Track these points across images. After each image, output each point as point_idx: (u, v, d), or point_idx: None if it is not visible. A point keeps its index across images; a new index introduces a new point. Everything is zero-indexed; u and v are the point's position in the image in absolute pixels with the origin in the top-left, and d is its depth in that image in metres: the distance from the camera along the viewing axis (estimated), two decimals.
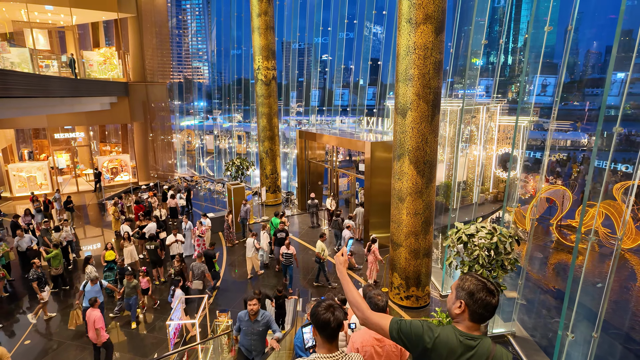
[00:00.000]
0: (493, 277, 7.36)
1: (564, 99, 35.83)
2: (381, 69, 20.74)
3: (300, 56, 28.11)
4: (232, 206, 14.51)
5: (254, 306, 5.58)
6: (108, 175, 22.46)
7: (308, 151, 17.14)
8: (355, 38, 21.63)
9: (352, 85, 24.89)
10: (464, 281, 2.03)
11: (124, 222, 12.72)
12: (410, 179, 8.80)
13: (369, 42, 22.37)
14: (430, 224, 9.22)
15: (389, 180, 12.49)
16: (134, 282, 8.99)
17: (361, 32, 21.22)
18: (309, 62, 25.86)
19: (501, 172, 20.28)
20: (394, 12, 19.23)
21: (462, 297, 1.99)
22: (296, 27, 24.28)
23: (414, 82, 8.32)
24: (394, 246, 9.53)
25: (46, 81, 14.52)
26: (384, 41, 20.58)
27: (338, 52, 23.38)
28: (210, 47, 30.97)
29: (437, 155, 8.94)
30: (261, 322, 5.66)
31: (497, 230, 7.48)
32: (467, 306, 1.97)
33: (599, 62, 73.68)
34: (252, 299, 5.61)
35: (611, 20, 72.31)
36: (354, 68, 24.73)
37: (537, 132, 24.86)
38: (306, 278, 11.51)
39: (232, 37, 25.76)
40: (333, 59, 23.89)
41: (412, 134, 8.56)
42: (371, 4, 20.09)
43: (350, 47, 22.49)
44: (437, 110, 8.60)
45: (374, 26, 21.54)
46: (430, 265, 9.65)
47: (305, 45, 26.53)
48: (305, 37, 24.58)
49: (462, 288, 2.00)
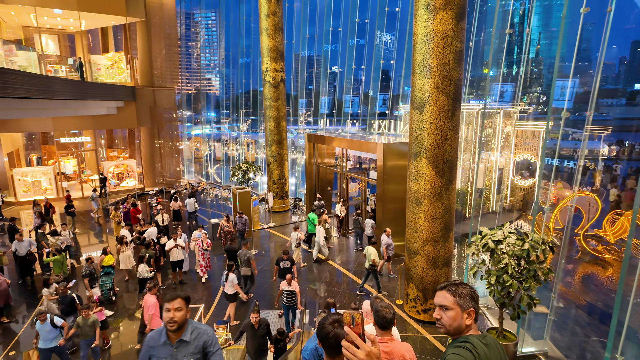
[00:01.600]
0: (524, 288, 6.50)
1: (577, 110, 35.54)
2: (392, 80, 20.06)
3: (309, 67, 27.70)
4: (237, 212, 13.84)
5: None
6: (114, 180, 22.08)
7: (317, 157, 16.48)
8: (365, 45, 20.99)
9: (363, 95, 24.24)
10: (458, 292, 1.98)
11: (124, 227, 12.14)
12: (428, 179, 8.03)
13: (380, 51, 21.72)
14: (450, 230, 8.41)
15: (402, 185, 11.73)
16: (93, 318, 7.05)
17: (372, 41, 20.56)
18: (318, 73, 25.37)
19: (519, 180, 19.34)
20: (406, 18, 18.74)
21: (470, 306, 1.95)
22: (305, 35, 23.89)
23: (433, 73, 7.62)
24: (409, 254, 8.72)
25: (49, 82, 14.17)
26: (395, 49, 19.82)
27: (348, 62, 22.71)
28: (220, 53, 30.83)
29: (457, 154, 8.18)
30: None
31: (529, 236, 6.65)
32: (475, 311, 1.96)
33: (613, 73, 72.63)
34: None
35: (625, 32, 71.13)
36: (364, 79, 24.16)
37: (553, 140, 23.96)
38: (314, 288, 10.72)
39: (240, 46, 25.63)
40: (343, 70, 23.29)
41: (431, 130, 7.83)
42: (383, 11, 19.49)
43: (361, 55, 21.87)
44: (458, 104, 7.87)
45: (385, 34, 20.92)
46: (450, 276, 8.81)
47: (315, 55, 26.09)
48: (315, 48, 24.13)
49: (465, 297, 1.96)
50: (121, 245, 10.81)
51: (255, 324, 6.57)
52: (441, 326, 1.99)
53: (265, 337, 6.67)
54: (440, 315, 1.99)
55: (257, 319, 6.57)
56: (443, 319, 1.97)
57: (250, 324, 6.60)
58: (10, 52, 17.24)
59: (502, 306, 7.05)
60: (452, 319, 1.94)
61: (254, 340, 6.59)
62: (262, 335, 6.65)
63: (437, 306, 2.01)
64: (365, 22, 20.29)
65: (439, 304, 2.00)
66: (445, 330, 1.98)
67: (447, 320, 1.96)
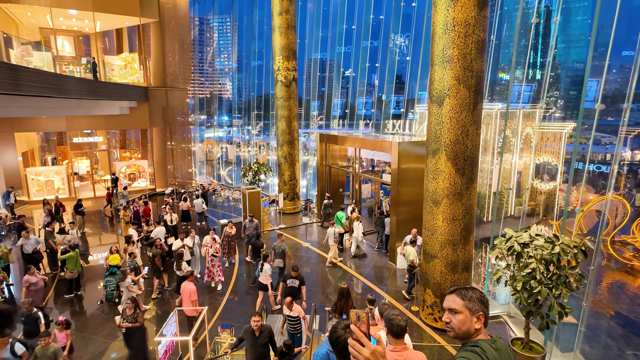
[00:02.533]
0: (555, 295, 5.95)
1: (604, 113, 34.72)
2: (407, 84, 19.52)
3: (322, 71, 27.42)
4: (246, 212, 13.52)
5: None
6: (125, 181, 22.05)
7: (329, 158, 16.08)
8: (380, 46, 20.48)
9: (376, 100, 23.78)
10: (467, 296, 1.97)
11: (132, 227, 11.91)
12: (447, 178, 7.54)
13: (394, 54, 21.19)
14: (470, 232, 7.88)
15: (418, 187, 11.24)
16: (54, 347, 5.82)
17: (386, 42, 20.04)
18: (331, 77, 25.02)
19: (539, 183, 18.57)
20: (422, 18, 18.20)
21: (480, 310, 1.95)
22: (318, 37, 23.61)
23: (453, 64, 7.16)
24: (426, 258, 8.22)
25: (61, 80, 14.15)
26: (411, 50, 19.21)
27: (362, 64, 22.22)
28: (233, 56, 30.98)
29: (479, 150, 7.67)
30: None
31: (559, 239, 6.10)
32: (485, 315, 1.96)
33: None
34: None
35: None
36: (377, 83, 23.66)
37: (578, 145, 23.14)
38: (325, 292, 10.27)
39: (253, 48, 25.55)
40: (356, 74, 22.83)
41: (450, 125, 7.35)
42: (398, 12, 19.00)
43: (375, 58, 21.35)
44: (480, 97, 7.38)
45: (399, 36, 20.37)
46: (470, 282, 8.26)
47: (327, 59, 25.77)
48: (328, 50, 23.81)
49: (474, 301, 1.96)
50: (128, 245, 10.56)
51: (256, 330, 5.85)
52: (450, 330, 1.99)
53: (267, 347, 5.93)
54: (449, 318, 1.99)
55: (259, 324, 5.85)
56: (452, 322, 1.97)
57: (250, 329, 5.88)
58: (27, 52, 17.44)
59: (528, 315, 6.50)
60: (462, 322, 1.95)
61: (253, 349, 5.87)
62: (263, 344, 5.89)
63: (446, 310, 2.02)
64: (380, 19, 19.81)
65: (448, 307, 2.00)
66: (455, 334, 1.98)
67: (456, 324, 1.96)
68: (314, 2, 23.01)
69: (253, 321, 5.85)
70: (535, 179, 18.80)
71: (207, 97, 32.98)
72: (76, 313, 9.41)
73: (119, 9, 19.94)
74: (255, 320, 5.84)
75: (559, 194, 17.47)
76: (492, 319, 8.66)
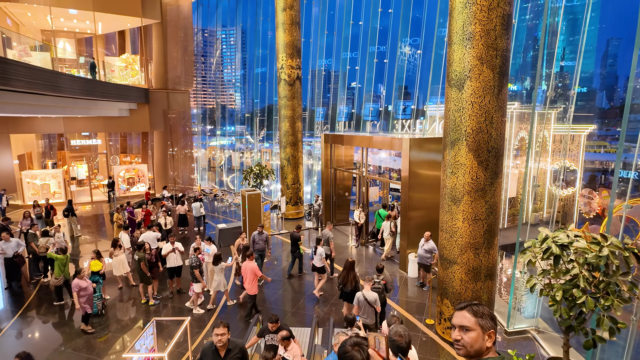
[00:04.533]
0: (604, 307, 4.97)
1: (605, 125, 33.94)
2: (416, 88, 18.73)
3: (327, 82, 26.94)
4: (246, 215, 12.65)
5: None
6: (124, 185, 21.36)
7: (334, 162, 15.22)
8: (387, 52, 19.64)
9: (384, 110, 22.99)
10: (479, 313, 1.88)
11: (124, 231, 11.05)
12: (468, 171, 6.63)
13: (403, 62, 20.38)
14: (494, 235, 6.93)
15: (432, 190, 10.35)
16: None
17: (394, 50, 19.17)
18: (336, 89, 24.41)
19: (557, 189, 17.52)
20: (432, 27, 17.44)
21: (491, 327, 1.87)
22: (323, 45, 23.00)
23: (475, 41, 6.32)
24: (444, 264, 7.26)
25: (55, 77, 13.52)
26: (421, 57, 18.32)
27: (368, 74, 21.38)
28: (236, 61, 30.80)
29: (504, 141, 6.77)
30: None
31: (607, 239, 5.15)
32: (495, 332, 1.89)
33: None
34: None
35: None
36: (384, 93, 22.86)
37: None
38: (327, 303, 9.32)
39: (257, 55, 25.11)
40: (362, 86, 22.04)
41: (472, 111, 6.47)
42: (406, 25, 18.28)
43: (382, 68, 20.50)
44: (506, 80, 6.51)
45: (407, 43, 19.60)
46: (495, 291, 7.27)
47: (332, 70, 25.24)
48: (333, 56, 23.15)
49: (486, 317, 1.87)
50: (115, 248, 9.72)
51: (220, 349, 4.17)
52: (461, 347, 1.88)
53: None
54: (460, 336, 1.89)
55: (224, 339, 4.14)
56: (463, 339, 1.88)
57: (212, 347, 4.21)
58: (25, 52, 16.97)
59: (568, 330, 5.51)
60: (474, 340, 1.86)
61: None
62: None
63: (456, 327, 1.91)
64: (388, 26, 19.04)
65: (459, 324, 1.90)
66: (466, 352, 1.87)
67: (468, 342, 1.86)
68: (319, 6, 22.47)
69: (216, 335, 4.15)
70: (553, 184, 17.76)
71: (212, 108, 32.94)
72: (58, 326, 8.46)
73: (120, 9, 19.50)
74: (219, 334, 4.13)
75: (578, 199, 16.43)
76: (518, 335, 7.64)
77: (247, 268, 8.14)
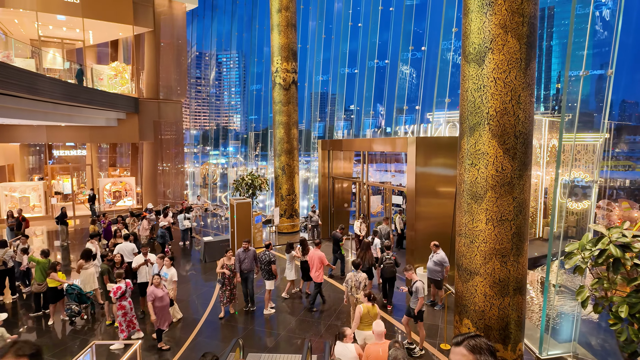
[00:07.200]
0: None
1: None
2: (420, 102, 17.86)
3: (322, 103, 26.44)
4: (234, 227, 11.43)
5: None
6: (110, 199, 20.16)
7: (332, 169, 14.15)
8: (387, 70, 18.79)
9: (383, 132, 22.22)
10: (477, 348, 1.70)
11: (90, 240, 9.64)
12: (492, 162, 5.53)
13: (404, 77, 19.54)
14: (523, 239, 5.76)
15: (442, 197, 9.24)
16: None
17: (395, 67, 18.35)
18: (333, 111, 23.75)
19: (570, 202, 16.41)
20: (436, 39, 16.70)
21: None
22: (319, 61, 22.39)
23: (497, 7, 5.34)
24: (463, 275, 6.05)
25: (31, 78, 12.57)
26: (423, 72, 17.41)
27: (367, 92, 20.52)
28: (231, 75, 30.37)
29: (533, 125, 5.69)
30: None
31: None
32: None
33: (636, 112, 70.82)
34: None
35: None
36: (384, 113, 22.11)
37: None
38: (332, 314, 8.04)
39: (252, 73, 24.63)
40: (360, 108, 21.25)
41: (496, 89, 5.43)
42: (407, 42, 17.57)
43: (381, 81, 19.66)
44: (534, 53, 5.51)
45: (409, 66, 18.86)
46: (524, 308, 6.02)
47: (329, 92, 24.70)
48: (330, 72, 22.48)
49: (485, 352, 1.70)
50: (87, 261, 8.43)
51: None
52: None
53: None
54: None
55: None
56: None
57: None
58: (8, 58, 16.14)
59: (633, 357, 4.28)
60: None
61: None
62: None
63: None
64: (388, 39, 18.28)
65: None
66: None
67: None
68: (316, 20, 21.93)
69: None
70: (565, 197, 16.67)
71: (210, 129, 32.74)
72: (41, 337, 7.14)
73: (110, 16, 18.87)
74: None
75: (596, 212, 15.29)
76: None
77: (315, 256, 8.37)
